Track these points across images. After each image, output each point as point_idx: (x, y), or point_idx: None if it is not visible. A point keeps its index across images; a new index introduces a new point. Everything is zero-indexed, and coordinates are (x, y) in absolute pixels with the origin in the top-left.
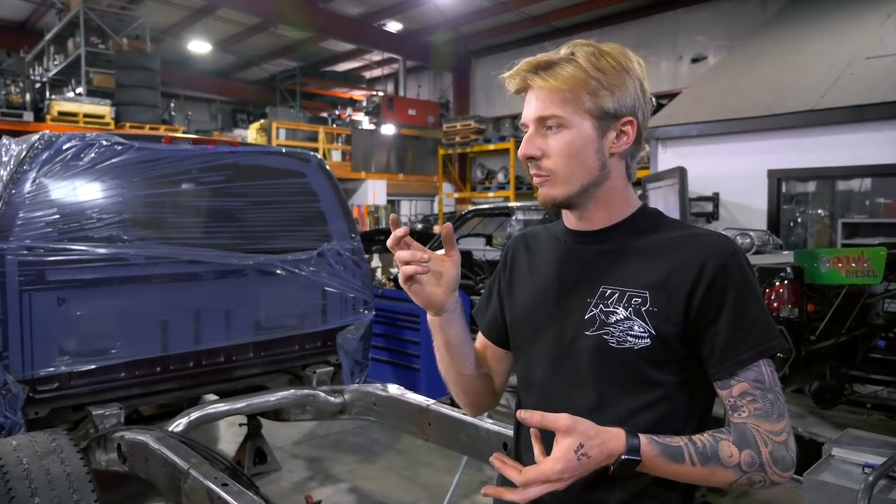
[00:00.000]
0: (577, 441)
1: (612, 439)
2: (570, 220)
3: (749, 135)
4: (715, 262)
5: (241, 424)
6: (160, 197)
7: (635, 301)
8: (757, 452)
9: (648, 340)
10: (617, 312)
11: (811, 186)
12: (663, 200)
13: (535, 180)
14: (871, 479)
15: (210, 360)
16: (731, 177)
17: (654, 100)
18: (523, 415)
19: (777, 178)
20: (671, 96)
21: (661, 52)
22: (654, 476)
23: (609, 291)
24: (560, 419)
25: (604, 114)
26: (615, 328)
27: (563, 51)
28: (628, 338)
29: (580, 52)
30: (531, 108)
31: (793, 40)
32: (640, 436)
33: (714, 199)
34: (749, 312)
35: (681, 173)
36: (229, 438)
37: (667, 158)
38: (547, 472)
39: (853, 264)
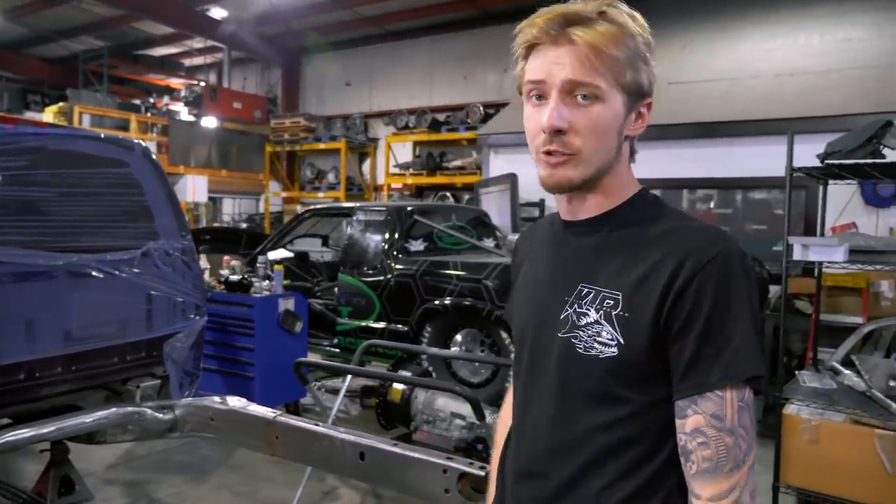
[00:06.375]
0: None
1: None
2: (562, 206)
3: None
4: (694, 263)
5: (41, 451)
6: None
7: (607, 303)
8: None
9: (615, 350)
10: (588, 314)
11: None
12: (496, 205)
13: (551, 159)
14: None
15: (7, 378)
16: None
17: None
18: None
19: None
20: (498, 106)
21: (487, 64)
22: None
23: (585, 290)
24: None
25: (637, 90)
26: (584, 332)
27: (590, 5)
28: (595, 344)
29: (614, 12)
30: (563, 69)
31: None
32: None
33: (540, 204)
34: (725, 327)
35: (511, 179)
36: (28, 467)
37: (498, 165)
38: None
39: None
